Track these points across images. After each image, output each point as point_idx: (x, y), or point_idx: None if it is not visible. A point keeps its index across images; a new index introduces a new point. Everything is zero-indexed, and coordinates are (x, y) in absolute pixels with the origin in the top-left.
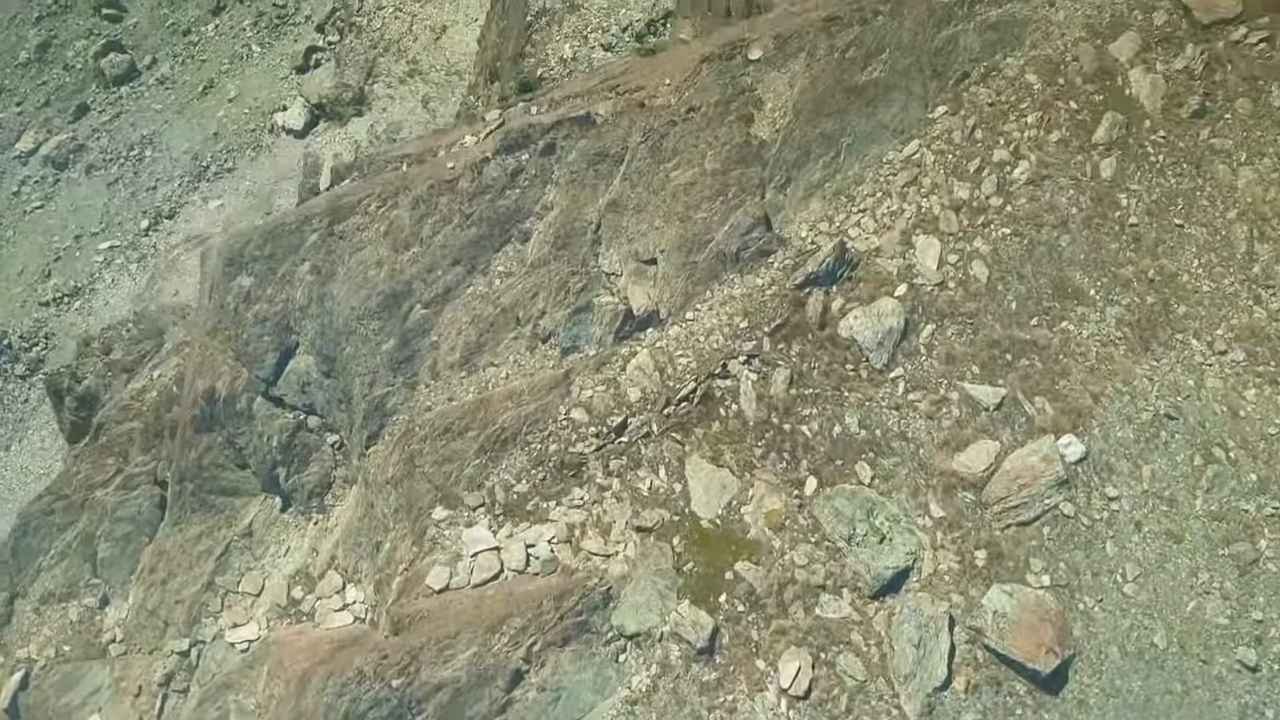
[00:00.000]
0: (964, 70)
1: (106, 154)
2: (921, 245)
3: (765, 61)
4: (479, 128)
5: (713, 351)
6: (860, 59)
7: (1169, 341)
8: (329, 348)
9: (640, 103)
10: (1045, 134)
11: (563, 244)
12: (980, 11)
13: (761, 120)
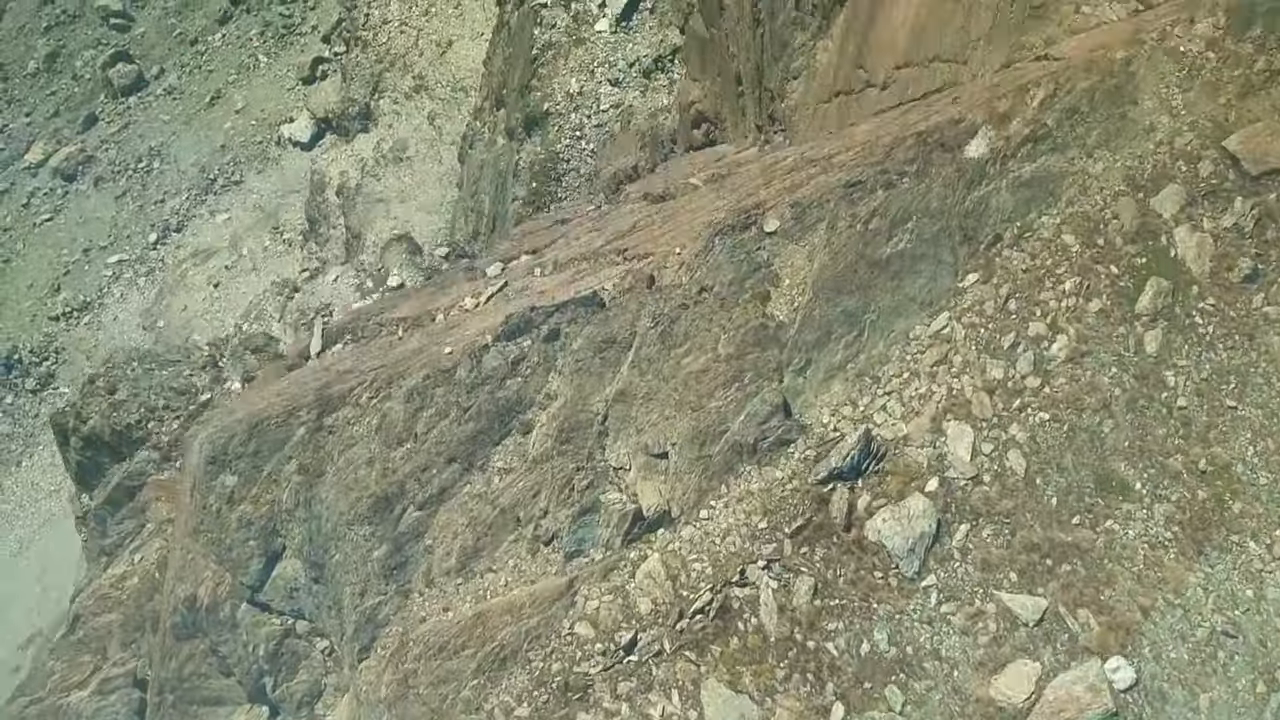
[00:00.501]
0: (996, 233)
1: (115, 166)
2: (953, 433)
3: (782, 234)
4: (479, 285)
5: (729, 556)
6: (885, 229)
7: (1224, 544)
8: (317, 554)
9: (649, 277)
10: (1084, 303)
11: (567, 437)
12: (1013, 168)
13: (778, 298)
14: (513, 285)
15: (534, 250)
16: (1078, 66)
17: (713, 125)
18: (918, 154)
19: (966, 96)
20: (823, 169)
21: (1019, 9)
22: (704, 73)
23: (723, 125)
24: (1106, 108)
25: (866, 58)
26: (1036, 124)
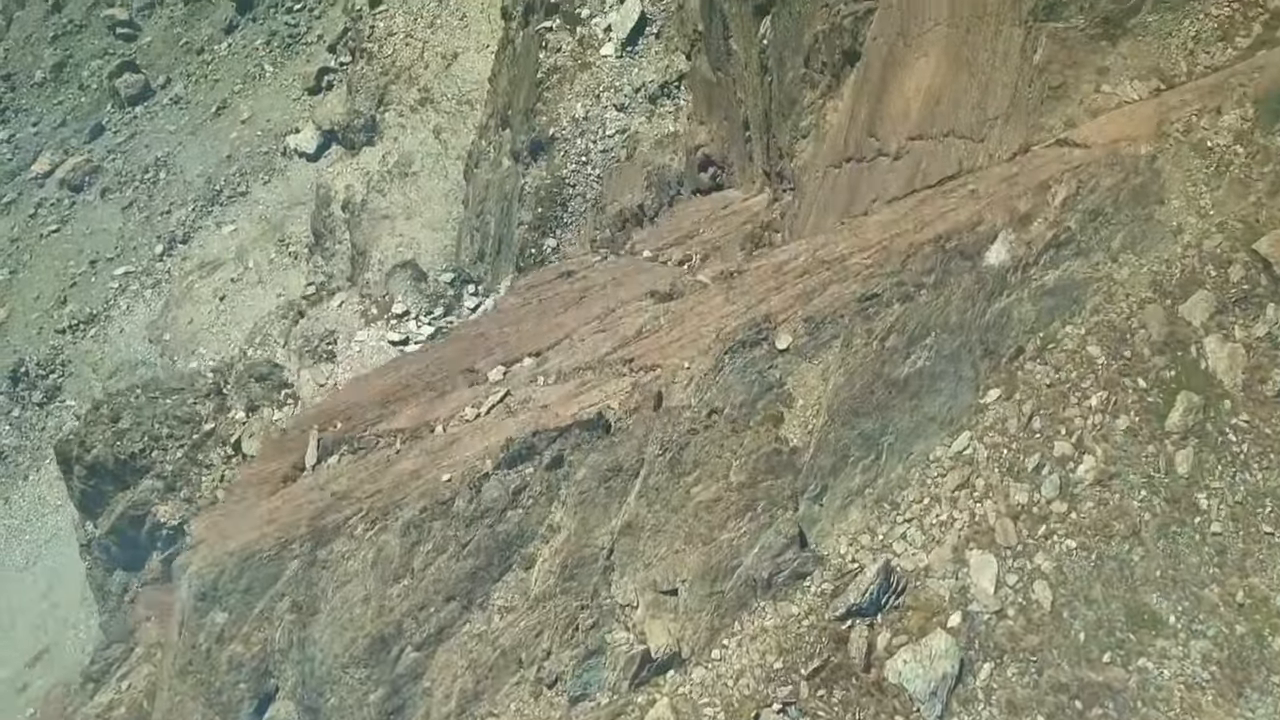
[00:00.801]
0: (1018, 344)
1: (121, 176)
2: (976, 563)
3: (795, 351)
4: (480, 392)
5: (743, 699)
6: (902, 347)
7: (1264, 685)
8: (311, 697)
9: (657, 395)
10: (1112, 420)
11: (571, 573)
12: (1036, 276)
13: (792, 420)
14: (515, 394)
15: (537, 352)
16: (1101, 162)
17: (719, 169)
18: (936, 263)
19: (984, 189)
20: (836, 274)
21: (1038, 89)
22: (710, 116)
23: (729, 169)
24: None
25: (878, 125)
26: (1059, 227)
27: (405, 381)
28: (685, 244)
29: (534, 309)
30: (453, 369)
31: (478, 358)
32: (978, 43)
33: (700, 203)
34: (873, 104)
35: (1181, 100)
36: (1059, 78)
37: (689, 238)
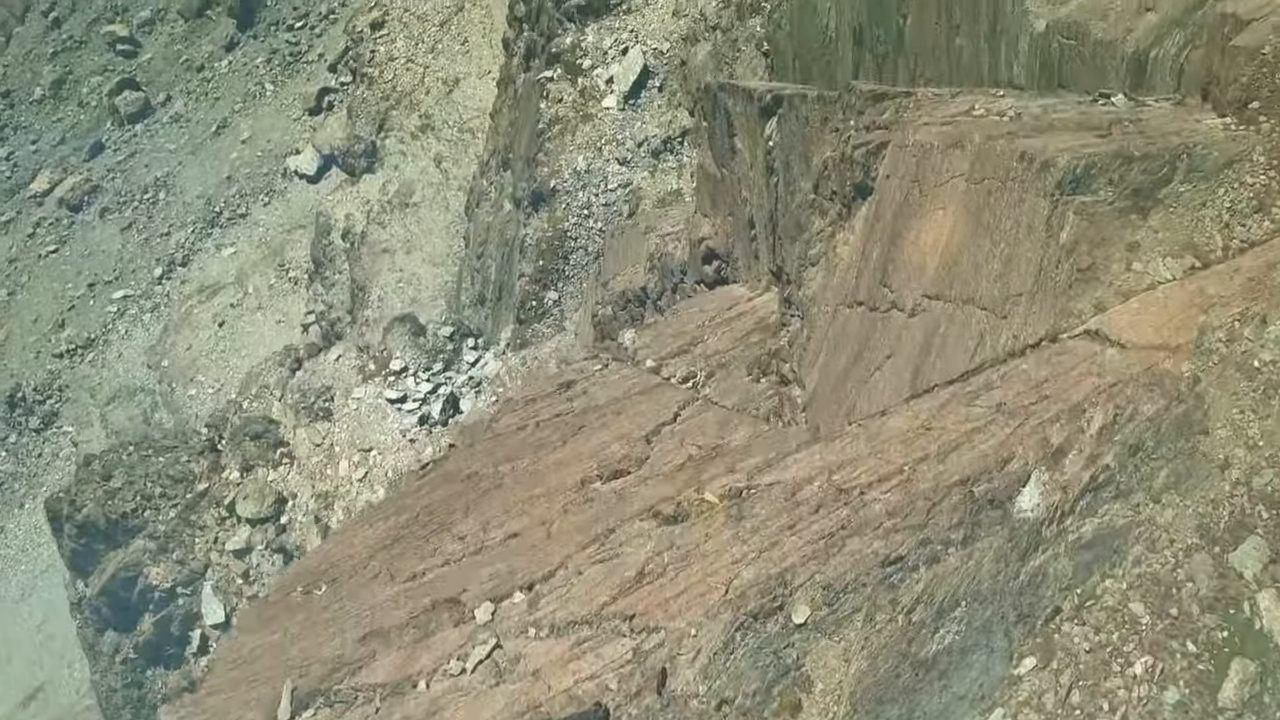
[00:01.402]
0: (1055, 605)
1: (120, 196)
2: None
3: (813, 626)
4: (468, 637)
5: None
6: (930, 621)
7: None
8: None
9: (661, 674)
10: (1159, 692)
11: None
12: (1073, 527)
13: (810, 708)
14: (505, 647)
15: (529, 585)
16: (1139, 382)
17: (724, 263)
18: (964, 515)
19: (1012, 399)
20: (854, 514)
21: (1065, 270)
22: (715, 210)
23: (734, 263)
24: (1174, 440)
25: (892, 275)
26: (1096, 465)
27: (394, 534)
28: (689, 352)
29: (530, 440)
30: (443, 519)
31: (466, 514)
32: (1000, 208)
33: (705, 299)
34: (886, 249)
35: (1220, 294)
36: (1087, 259)
37: (693, 345)
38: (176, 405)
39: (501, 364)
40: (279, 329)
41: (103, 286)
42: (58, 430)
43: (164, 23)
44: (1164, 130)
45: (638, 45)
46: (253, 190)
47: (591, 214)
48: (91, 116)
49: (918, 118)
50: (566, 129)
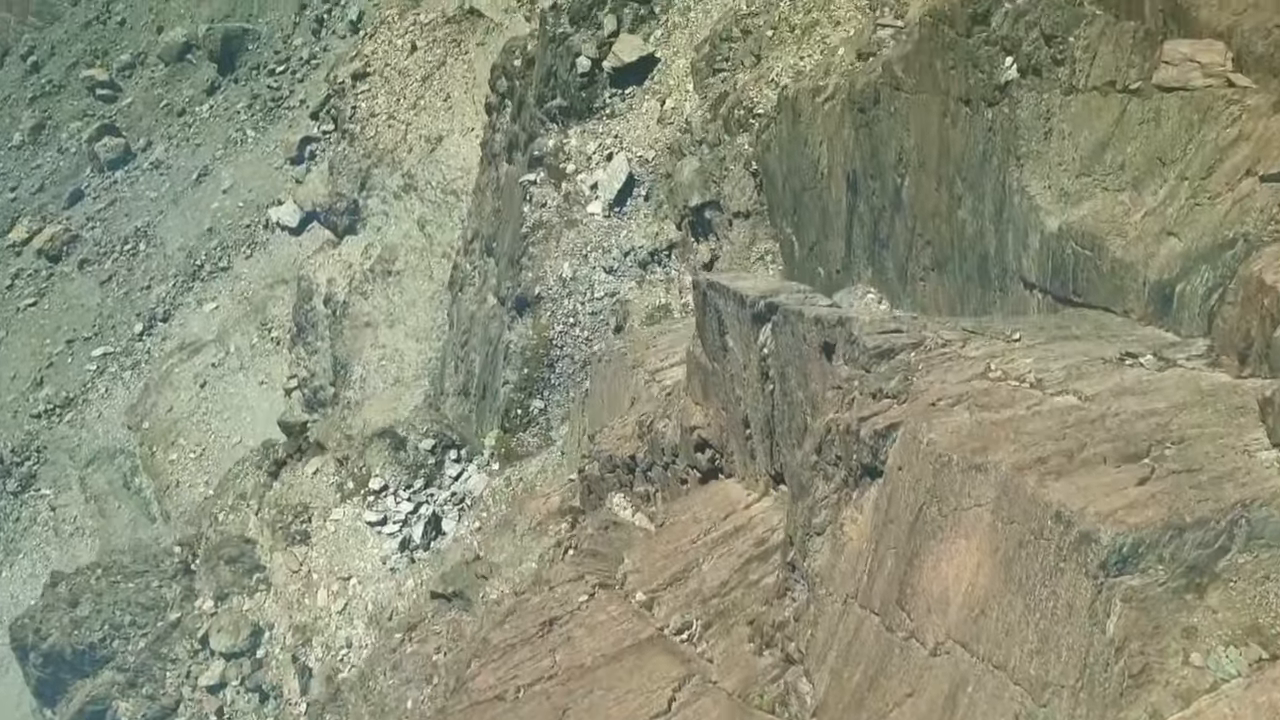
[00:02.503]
0: None
1: (100, 247)
2: None
3: None
4: None
5: None
6: None
7: None
8: None
9: None
10: None
11: None
12: None
13: None
14: None
15: None
16: None
17: (718, 453)
18: None
19: None
20: None
21: (1115, 675)
22: (706, 400)
23: (729, 456)
24: None
25: (909, 598)
26: None
27: None
28: (684, 582)
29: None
30: None
31: None
32: (1033, 568)
33: (699, 500)
34: (902, 566)
35: None
36: (1140, 659)
37: (688, 573)
38: (157, 470)
39: (485, 478)
40: (261, 390)
41: (82, 343)
42: (35, 493)
43: (144, 66)
44: (1212, 459)
45: (622, 152)
46: (234, 242)
47: (578, 322)
48: (71, 163)
49: (928, 386)
50: (550, 234)
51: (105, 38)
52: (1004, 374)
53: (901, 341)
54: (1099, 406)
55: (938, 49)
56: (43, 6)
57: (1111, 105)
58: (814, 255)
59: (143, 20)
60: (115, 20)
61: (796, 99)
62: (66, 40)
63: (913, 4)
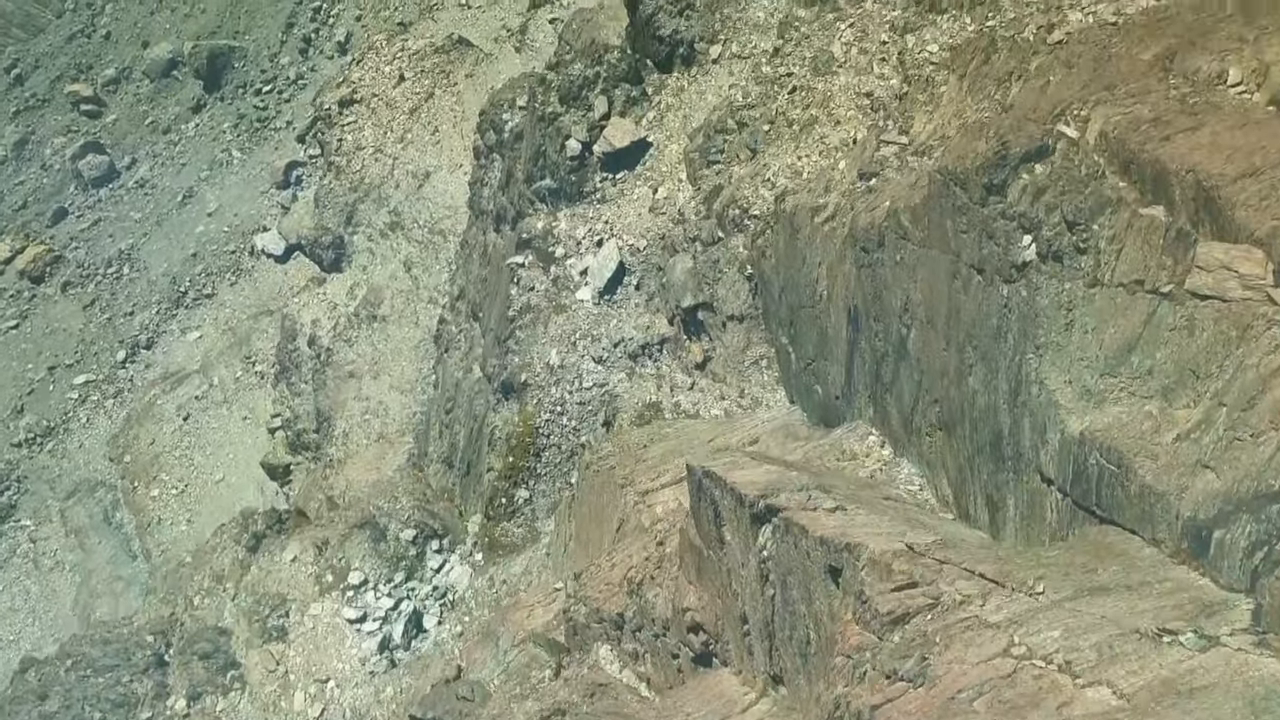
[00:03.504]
0: None
1: (84, 269)
2: None
3: None
4: None
5: None
6: None
7: None
8: None
9: None
10: None
11: None
12: None
13: None
14: None
15: None
16: None
17: (712, 639)
18: None
19: None
20: None
21: None
22: (700, 582)
23: (724, 645)
24: None
25: None
26: None
27: None
28: None
29: None
30: None
31: None
32: None
33: (693, 694)
34: None
35: None
36: None
37: None
38: (138, 506)
39: (469, 571)
40: (245, 426)
41: (63, 370)
42: (15, 524)
43: (129, 82)
44: None
45: (613, 239)
46: (219, 269)
47: (565, 411)
48: (55, 180)
49: (948, 670)
50: (538, 319)
51: (90, 51)
52: (1028, 650)
53: (917, 603)
54: (1138, 714)
55: (949, 210)
56: (26, 19)
57: (1139, 305)
58: (811, 371)
59: (128, 35)
60: (100, 34)
61: (794, 214)
62: (51, 53)
63: (917, 119)
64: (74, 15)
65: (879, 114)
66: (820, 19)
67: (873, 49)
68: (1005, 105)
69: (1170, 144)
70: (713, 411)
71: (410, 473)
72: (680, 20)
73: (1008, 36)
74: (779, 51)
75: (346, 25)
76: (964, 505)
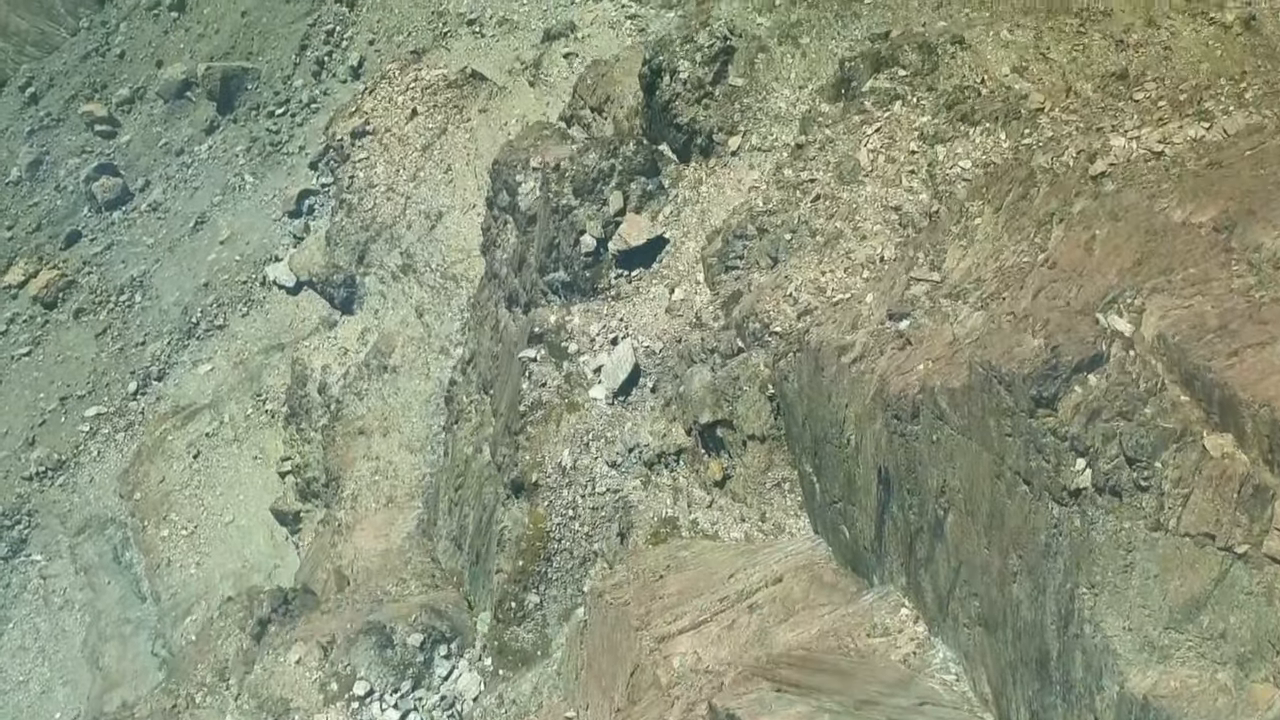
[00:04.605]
0: None
1: (96, 295)
2: None
3: None
4: None
5: None
6: None
7: None
8: None
9: None
10: None
11: None
12: None
13: None
14: None
15: None
16: None
17: None
18: None
19: None
20: None
21: None
22: None
23: None
24: None
25: None
26: None
27: None
28: None
29: None
30: None
31: None
32: None
33: None
34: None
35: None
36: None
37: None
38: (148, 546)
39: (477, 678)
40: (255, 466)
41: (75, 401)
42: (26, 558)
43: (143, 101)
44: None
45: (628, 339)
46: (230, 299)
47: (577, 516)
48: (69, 201)
49: None
50: (550, 416)
51: (104, 70)
52: None
53: None
54: None
55: (991, 409)
56: (41, 36)
57: (1210, 560)
58: (838, 511)
59: (142, 54)
60: (114, 53)
61: (819, 349)
62: (65, 72)
63: (950, 252)
64: (89, 33)
65: (907, 230)
66: (845, 120)
67: (901, 158)
68: (1046, 252)
69: (1240, 363)
70: (732, 534)
71: (419, 541)
72: (698, 108)
73: (1047, 167)
74: (802, 150)
75: (359, 49)
76: (1004, 709)
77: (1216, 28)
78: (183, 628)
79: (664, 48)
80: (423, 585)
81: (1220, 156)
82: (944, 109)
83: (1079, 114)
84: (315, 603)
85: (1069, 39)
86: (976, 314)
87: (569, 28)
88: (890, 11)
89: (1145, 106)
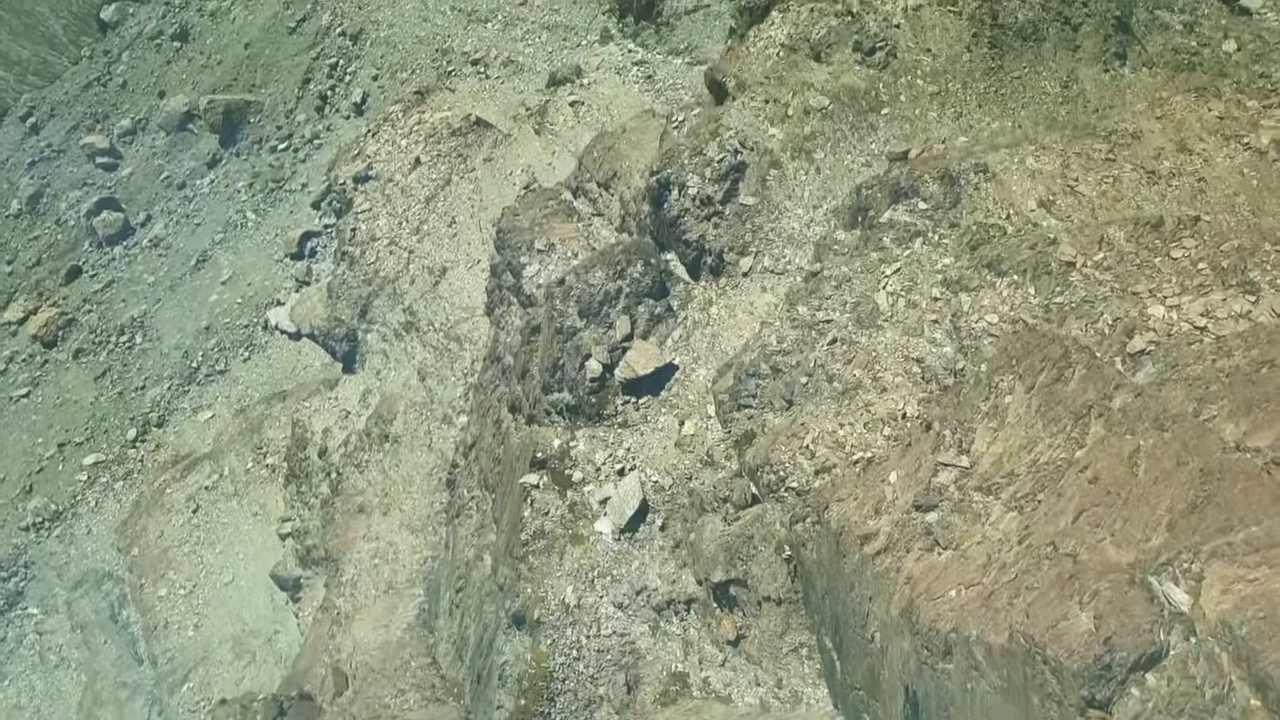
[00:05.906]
0: None
1: (96, 335)
2: None
3: None
4: None
5: None
6: None
7: None
8: None
9: None
10: None
11: None
12: None
13: None
14: None
15: None
16: None
17: None
18: None
19: None
20: None
21: None
22: None
23: None
24: None
25: None
26: None
27: None
28: None
29: None
30: None
31: None
32: None
33: None
34: None
35: None
36: None
37: None
38: (146, 605)
39: None
40: (255, 524)
41: (73, 449)
42: (22, 611)
43: (145, 133)
44: None
45: (635, 471)
46: (232, 343)
47: (581, 658)
48: (69, 236)
49: None
50: (553, 547)
51: (106, 100)
52: None
53: None
54: None
55: (1034, 685)
56: (42, 65)
57: None
58: (861, 700)
59: (144, 84)
60: (116, 83)
61: (840, 531)
62: (66, 102)
63: (979, 434)
64: (90, 63)
65: (930, 386)
66: (862, 256)
67: (923, 304)
68: (1084, 449)
69: None
70: (746, 698)
71: (419, 634)
72: (708, 225)
73: (1083, 344)
74: (817, 282)
75: (363, 85)
76: None
77: (1251, 153)
78: (180, 695)
79: (672, 159)
80: (423, 698)
81: (1272, 353)
82: (967, 249)
83: (1113, 271)
84: (312, 711)
85: (1098, 168)
86: (1010, 515)
87: (575, 72)
88: (909, 124)
89: (1184, 267)
